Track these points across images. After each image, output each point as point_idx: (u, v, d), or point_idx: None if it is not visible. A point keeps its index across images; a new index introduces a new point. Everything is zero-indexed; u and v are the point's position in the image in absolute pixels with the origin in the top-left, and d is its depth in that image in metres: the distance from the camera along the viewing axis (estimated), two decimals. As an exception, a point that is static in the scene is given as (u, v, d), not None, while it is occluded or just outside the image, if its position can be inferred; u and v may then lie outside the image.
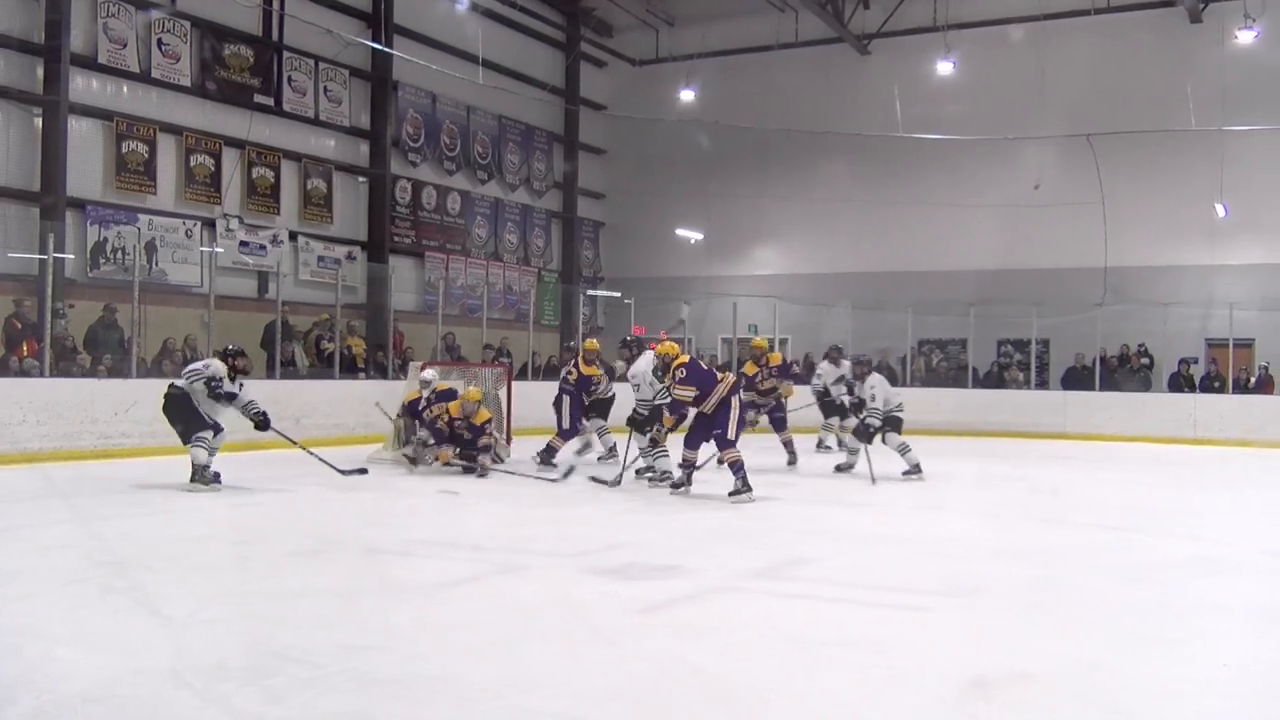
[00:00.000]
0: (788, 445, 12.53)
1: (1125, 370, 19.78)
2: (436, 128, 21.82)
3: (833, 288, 22.65)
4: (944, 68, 22.11)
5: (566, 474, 10.88)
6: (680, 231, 25.02)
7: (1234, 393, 18.71)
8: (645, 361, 10.58)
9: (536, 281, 24.17)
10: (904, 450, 11.31)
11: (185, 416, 9.44)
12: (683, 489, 9.71)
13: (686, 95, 23.81)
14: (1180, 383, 19.40)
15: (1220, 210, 20.59)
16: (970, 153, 21.85)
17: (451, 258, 22.08)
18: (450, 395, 11.61)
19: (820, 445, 14.78)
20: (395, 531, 7.63)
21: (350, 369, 16.58)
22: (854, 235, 23.59)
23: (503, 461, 11.89)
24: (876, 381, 11.38)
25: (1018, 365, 20.83)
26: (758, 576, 6.06)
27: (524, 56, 23.70)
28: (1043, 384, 20.56)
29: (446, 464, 11.14)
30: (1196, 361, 20.13)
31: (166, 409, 9.55)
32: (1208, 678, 4.30)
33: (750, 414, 11.84)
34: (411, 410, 11.81)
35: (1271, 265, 20.40)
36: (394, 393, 13.62)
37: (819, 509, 9.49)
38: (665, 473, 10.20)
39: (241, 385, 9.68)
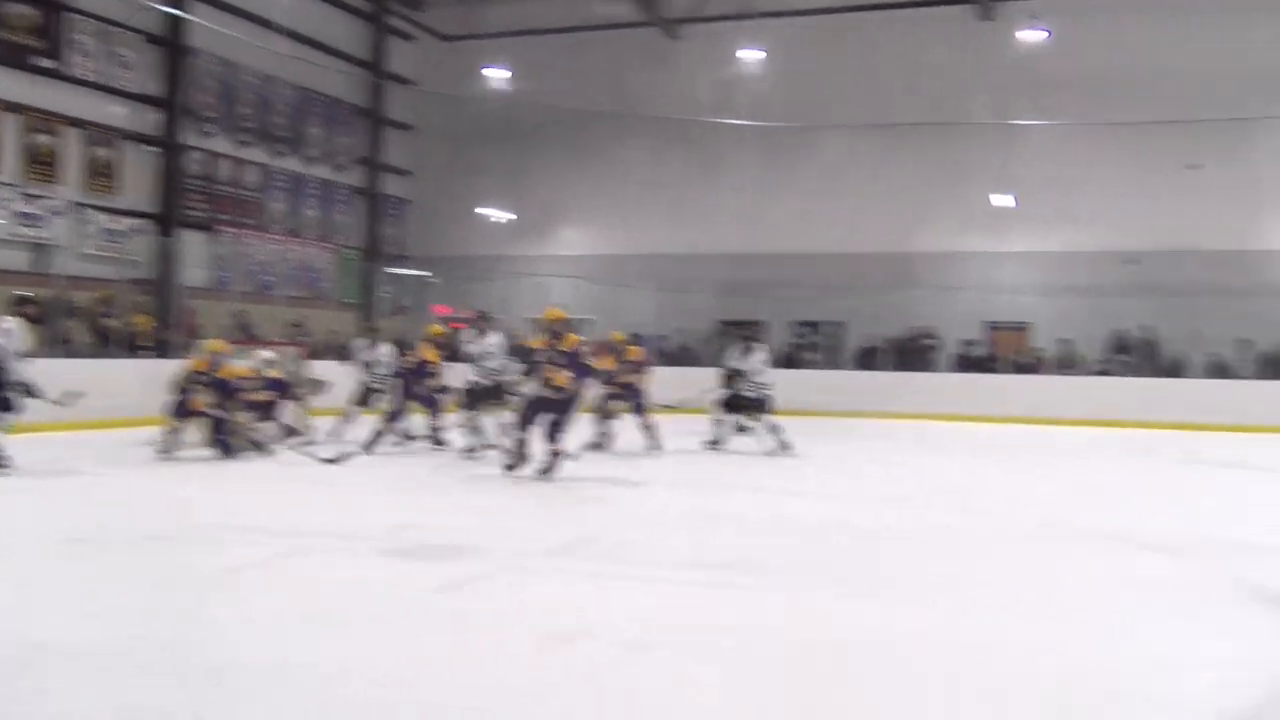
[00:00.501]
0: (649, 430, 12.98)
1: (913, 351, 21.11)
2: (234, 98, 21.77)
3: (637, 269, 23.43)
4: (751, 55, 23.06)
5: (337, 458, 10.97)
6: (487, 210, 25.38)
7: (1014, 373, 20.18)
8: (496, 336, 11.26)
9: (337, 259, 24.12)
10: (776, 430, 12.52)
11: None
12: (514, 468, 10.02)
13: (497, 73, 24.19)
14: (963, 363, 20.83)
15: (1003, 200, 22.12)
16: (774, 139, 22.89)
17: (247, 233, 22.03)
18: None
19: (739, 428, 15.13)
20: (176, 517, 7.57)
21: (134, 347, 16.38)
22: (660, 218, 24.54)
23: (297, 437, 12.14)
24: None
25: (811, 346, 21.95)
26: (551, 555, 6.37)
27: (328, 27, 23.79)
28: (836, 364, 21.72)
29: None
30: (976, 343, 21.61)
31: None
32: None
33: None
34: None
35: (1048, 253, 22.13)
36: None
37: (625, 490, 9.78)
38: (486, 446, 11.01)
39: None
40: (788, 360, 21.72)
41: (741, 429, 12.82)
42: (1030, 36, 22.35)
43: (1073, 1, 21.93)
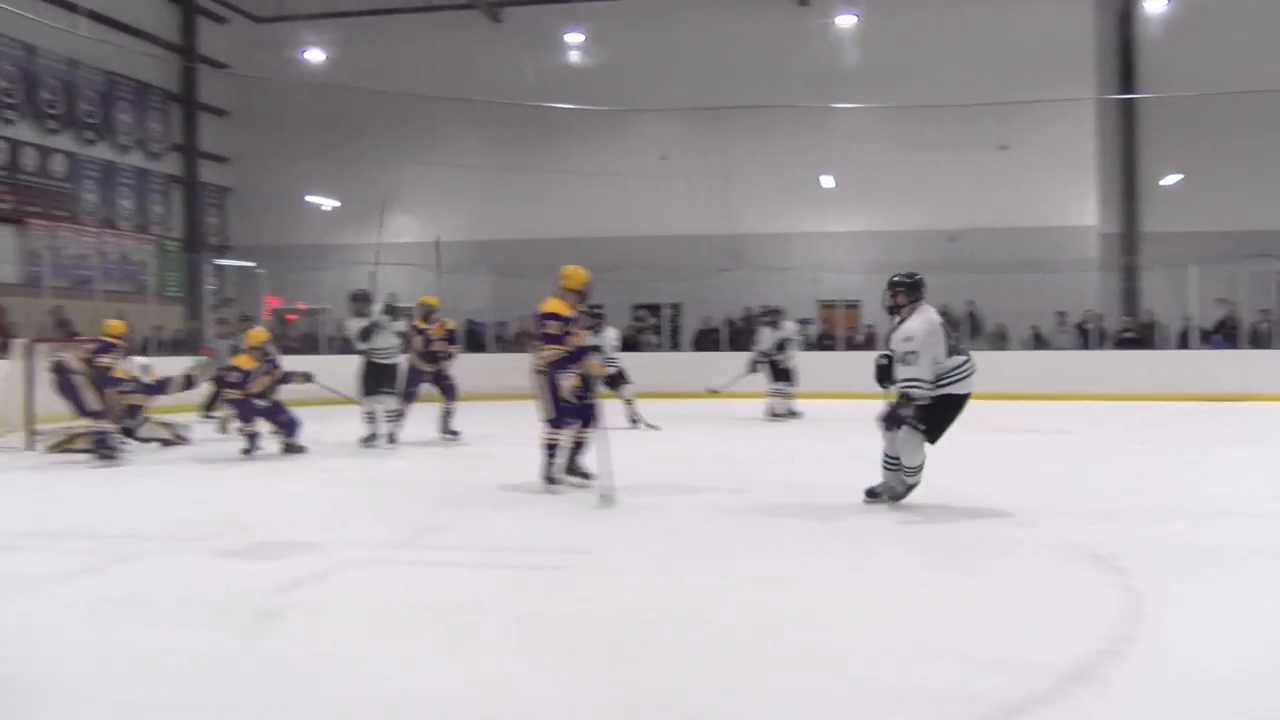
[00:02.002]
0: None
1: (747, 331, 21.43)
2: (35, 83, 20.54)
3: (470, 255, 23.11)
4: (573, 38, 23.01)
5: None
6: (312, 198, 24.62)
7: (845, 349, 20.71)
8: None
9: (157, 250, 23.04)
10: None
11: None
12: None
13: (315, 55, 23.55)
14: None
15: (827, 181, 22.70)
16: (601, 122, 22.95)
17: (58, 225, 20.78)
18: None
19: (771, 413, 14.78)
20: None
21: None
22: (490, 202, 24.33)
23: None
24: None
25: (652, 329, 22.08)
26: (395, 547, 6.22)
27: (134, 8, 22.69)
28: (676, 346, 21.91)
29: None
30: (811, 322, 22.11)
31: None
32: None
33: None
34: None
35: (873, 232, 22.85)
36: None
37: (461, 473, 9.66)
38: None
39: None
40: (629, 344, 21.84)
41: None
42: (845, 21, 23.08)
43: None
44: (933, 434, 6.95)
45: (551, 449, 8.15)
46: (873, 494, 7.18)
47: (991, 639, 4.19)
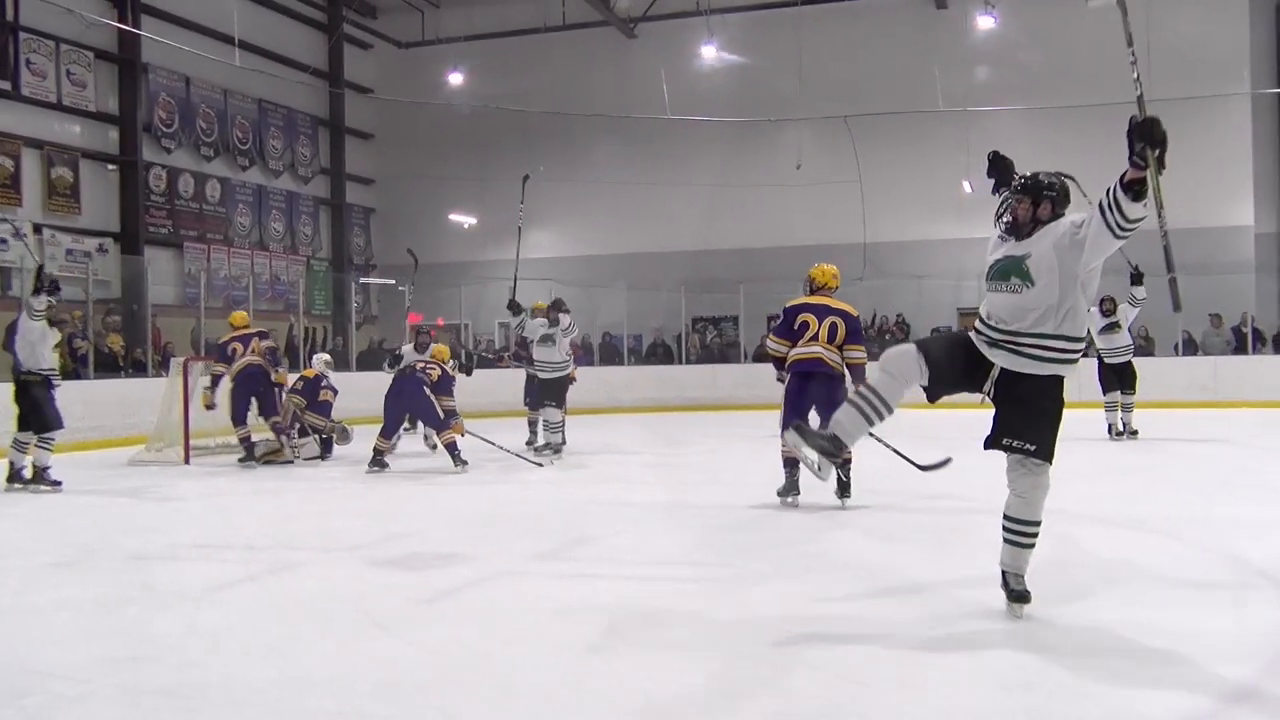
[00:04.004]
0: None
1: (883, 340, 21.04)
2: (192, 112, 21.35)
3: (607, 269, 23.28)
4: (708, 51, 22.93)
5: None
6: (454, 216, 25.09)
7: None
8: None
9: (305, 270, 23.79)
10: None
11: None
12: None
13: (455, 78, 23.94)
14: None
15: (967, 187, 22.09)
16: (735, 134, 22.83)
17: (213, 248, 21.67)
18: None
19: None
20: (161, 536, 7.28)
21: (108, 368, 15.99)
22: (625, 216, 24.42)
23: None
24: None
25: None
26: (540, 559, 6.22)
27: (283, 37, 23.44)
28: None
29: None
30: (951, 329, 21.58)
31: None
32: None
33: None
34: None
35: (1014, 238, 21.99)
36: (155, 391, 13.24)
37: (596, 488, 9.62)
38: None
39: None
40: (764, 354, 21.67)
41: None
42: (984, 23, 22.46)
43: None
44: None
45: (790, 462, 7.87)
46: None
47: (1152, 657, 4.00)
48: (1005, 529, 4.59)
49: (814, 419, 7.17)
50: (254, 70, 20.79)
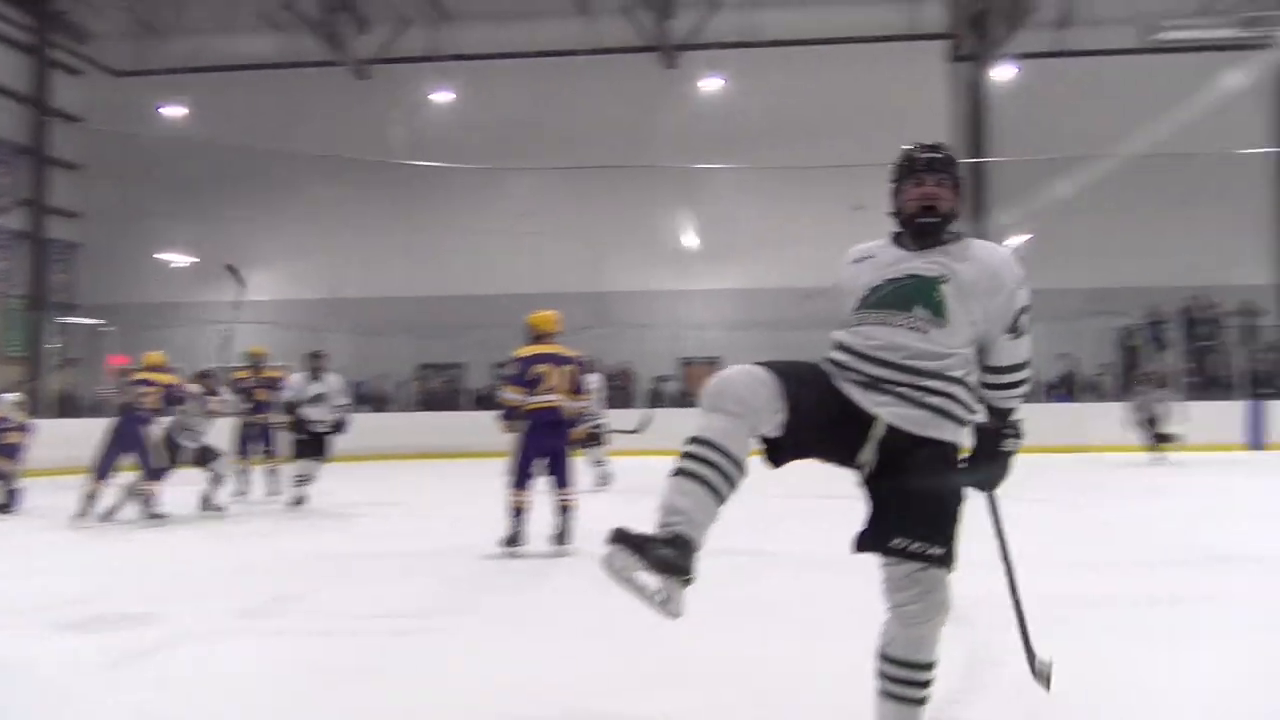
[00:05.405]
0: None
1: (612, 388, 21.26)
2: None
3: (330, 313, 22.59)
4: (442, 96, 22.82)
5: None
6: (164, 255, 23.80)
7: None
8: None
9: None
10: None
11: None
12: None
13: (175, 110, 22.86)
14: (656, 398, 21.19)
15: (688, 239, 22.77)
16: (468, 181, 22.68)
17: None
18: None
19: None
20: None
21: None
22: (350, 260, 23.84)
23: None
24: None
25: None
26: (241, 617, 5.86)
27: (-19, 59, 21.70)
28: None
29: None
30: (673, 378, 22.04)
31: None
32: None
33: None
34: None
35: (733, 290, 22.87)
36: None
37: (312, 539, 9.20)
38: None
39: None
40: (488, 401, 21.50)
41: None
42: (710, 85, 23.35)
43: (748, 54, 22.96)
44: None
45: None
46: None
47: None
48: (885, 677, 3.08)
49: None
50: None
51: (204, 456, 10.57)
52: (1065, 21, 22.39)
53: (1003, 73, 22.72)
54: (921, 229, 3.14)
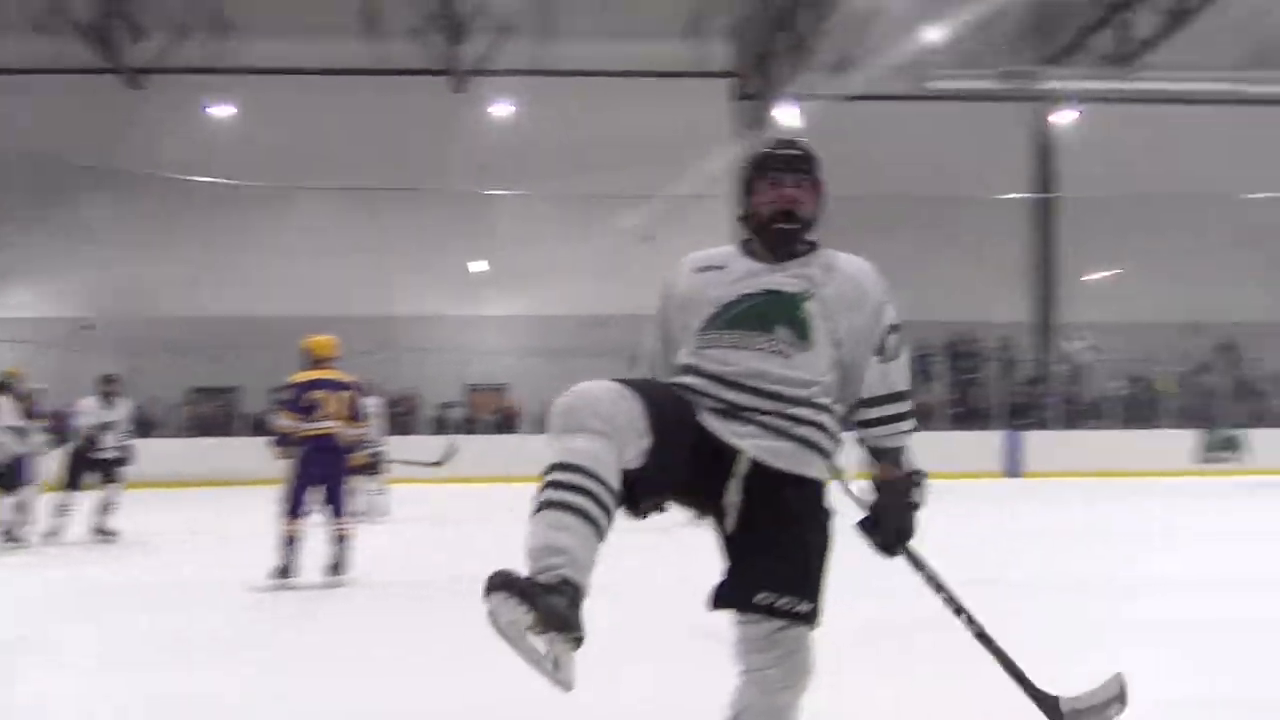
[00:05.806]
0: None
1: (396, 414, 20.90)
2: None
3: (94, 331, 21.34)
4: (223, 110, 22.05)
5: None
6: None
7: (494, 433, 20.54)
8: None
9: None
10: None
11: None
12: None
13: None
14: (440, 425, 20.95)
15: (477, 265, 22.66)
16: (253, 200, 22.03)
17: None
18: None
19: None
20: None
21: None
22: (119, 276, 22.55)
23: None
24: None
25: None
26: None
27: None
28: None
29: None
30: (459, 404, 21.84)
31: None
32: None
33: None
34: None
35: (522, 316, 22.86)
36: None
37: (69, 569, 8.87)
38: None
39: None
40: (266, 427, 20.79)
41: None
42: (501, 111, 23.33)
43: (540, 82, 23.04)
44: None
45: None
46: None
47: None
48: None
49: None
50: None
51: None
52: (843, 66, 23.32)
53: (786, 114, 23.45)
54: (779, 236, 2.81)
